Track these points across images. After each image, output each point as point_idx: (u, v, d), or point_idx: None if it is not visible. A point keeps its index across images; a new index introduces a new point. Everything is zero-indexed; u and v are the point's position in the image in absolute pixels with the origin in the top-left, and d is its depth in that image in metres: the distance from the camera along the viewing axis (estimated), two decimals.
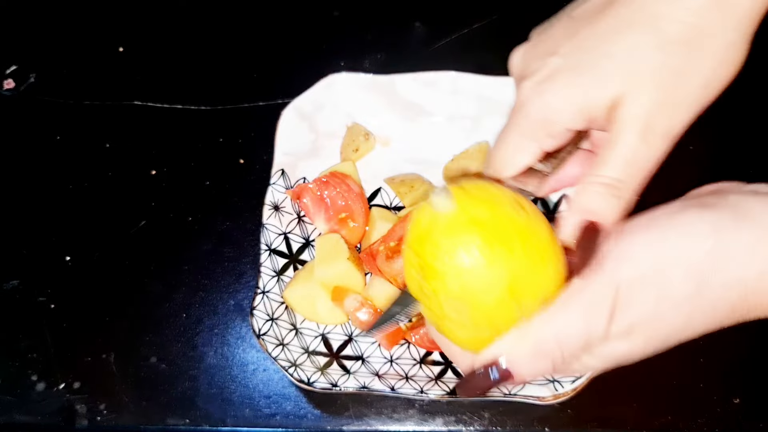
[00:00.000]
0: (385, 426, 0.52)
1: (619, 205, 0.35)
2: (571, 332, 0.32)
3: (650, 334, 0.32)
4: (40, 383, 0.54)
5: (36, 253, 0.59)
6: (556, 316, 0.32)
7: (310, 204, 0.56)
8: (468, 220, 0.31)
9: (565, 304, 0.32)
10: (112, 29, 0.70)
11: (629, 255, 0.32)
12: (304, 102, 0.58)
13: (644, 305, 0.32)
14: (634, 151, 0.35)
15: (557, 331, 0.32)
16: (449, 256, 0.31)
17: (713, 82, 0.35)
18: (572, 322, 0.32)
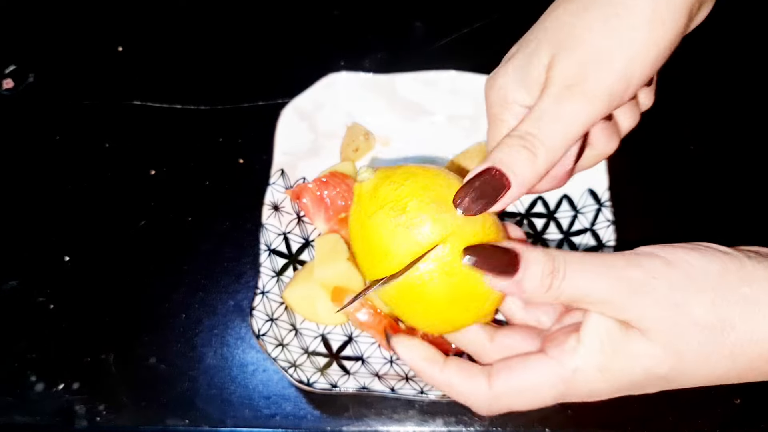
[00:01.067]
0: (385, 427, 0.52)
1: (527, 158, 0.34)
2: (577, 274, 0.33)
3: (666, 343, 0.33)
4: (39, 383, 0.54)
5: (35, 254, 0.59)
6: (578, 255, 0.33)
7: (310, 204, 0.56)
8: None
9: (591, 257, 0.34)
10: (112, 29, 0.70)
11: (668, 257, 0.33)
12: (303, 101, 0.58)
13: (660, 308, 0.32)
14: (545, 107, 0.35)
15: (567, 261, 0.33)
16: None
17: (639, 54, 0.35)
18: (583, 269, 0.33)
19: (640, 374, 0.33)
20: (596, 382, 0.33)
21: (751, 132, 0.62)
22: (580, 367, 0.33)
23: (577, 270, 0.33)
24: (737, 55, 0.66)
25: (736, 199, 0.60)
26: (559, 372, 0.34)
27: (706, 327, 0.32)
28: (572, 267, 0.33)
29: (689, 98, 0.64)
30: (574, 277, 0.33)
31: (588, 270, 0.33)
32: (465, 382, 0.35)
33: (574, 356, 0.33)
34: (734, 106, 0.64)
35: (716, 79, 0.65)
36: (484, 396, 0.35)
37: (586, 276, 0.33)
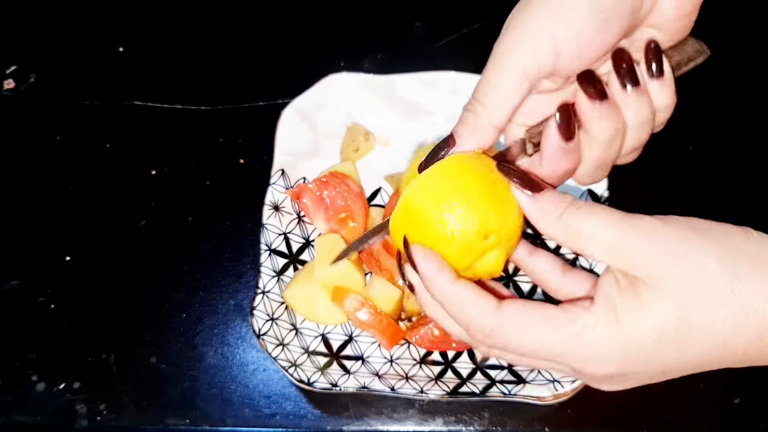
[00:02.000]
0: (385, 426, 0.52)
1: (471, 120, 0.38)
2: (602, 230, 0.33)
3: (674, 293, 0.32)
4: (40, 383, 0.54)
5: (36, 253, 0.59)
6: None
7: (310, 204, 0.56)
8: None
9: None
10: (112, 29, 0.70)
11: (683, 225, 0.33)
12: (304, 102, 0.58)
13: (672, 265, 0.32)
14: (494, 81, 0.38)
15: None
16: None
17: (571, 36, 0.36)
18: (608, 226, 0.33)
19: (650, 334, 0.32)
20: (605, 344, 0.32)
21: (750, 132, 0.63)
22: (589, 324, 0.32)
23: (592, 212, 0.34)
24: (737, 56, 0.66)
25: (736, 199, 0.60)
26: (569, 328, 0.33)
27: (715, 278, 0.31)
28: (587, 207, 0.34)
29: (689, 98, 0.64)
30: (587, 215, 0.33)
31: (601, 215, 0.33)
32: (474, 298, 0.34)
33: (585, 313, 0.33)
34: (734, 107, 0.64)
35: (716, 79, 0.65)
36: (489, 318, 0.34)
37: (598, 218, 0.33)
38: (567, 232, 0.34)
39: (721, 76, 0.65)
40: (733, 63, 0.66)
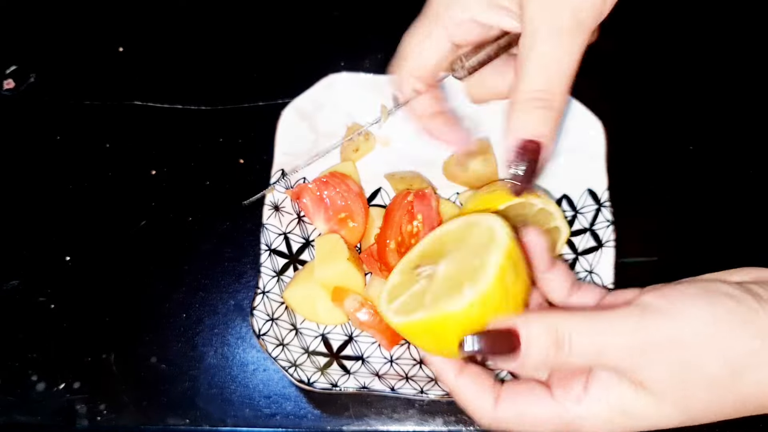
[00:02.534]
0: (385, 426, 0.52)
1: (551, 116, 0.35)
2: (590, 340, 0.33)
3: (675, 401, 0.33)
4: (40, 383, 0.54)
5: (36, 253, 0.59)
6: (585, 320, 0.33)
7: (310, 204, 0.56)
8: None
9: (600, 318, 0.33)
10: (112, 29, 0.70)
11: (680, 321, 0.33)
12: (304, 102, 0.58)
13: (670, 367, 0.32)
14: (550, 56, 0.34)
15: (580, 329, 0.33)
16: None
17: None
18: (594, 331, 0.33)
19: (646, 428, 0.34)
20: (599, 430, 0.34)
21: (749, 132, 0.63)
22: (583, 416, 0.34)
23: (584, 339, 0.33)
24: (736, 56, 0.66)
25: (736, 199, 0.60)
26: (562, 415, 0.34)
27: (716, 382, 0.32)
28: (578, 338, 0.33)
29: (688, 99, 0.64)
30: (581, 346, 0.33)
31: (595, 337, 0.33)
32: (474, 395, 0.37)
33: (579, 405, 0.34)
34: (733, 107, 0.64)
35: (715, 79, 0.65)
36: (488, 414, 0.36)
37: (593, 343, 0.33)
38: (568, 367, 0.35)
39: (720, 77, 0.65)
40: (732, 63, 0.66)
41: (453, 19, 0.37)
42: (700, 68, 0.66)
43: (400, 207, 0.55)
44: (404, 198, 0.55)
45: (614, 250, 0.53)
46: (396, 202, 0.55)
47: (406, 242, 0.54)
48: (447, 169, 0.59)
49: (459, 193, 0.59)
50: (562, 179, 0.57)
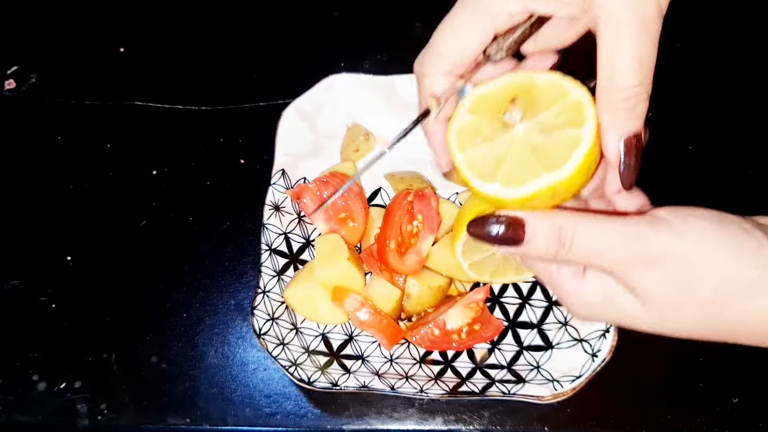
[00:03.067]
0: (385, 425, 0.52)
1: (645, 107, 0.36)
2: (591, 241, 0.33)
3: (664, 312, 0.33)
4: (41, 383, 0.54)
5: (37, 253, 0.60)
6: (590, 223, 0.33)
7: (310, 204, 0.56)
8: None
9: (606, 223, 0.33)
10: (113, 30, 0.70)
11: (686, 237, 0.33)
12: (304, 102, 0.58)
13: (665, 281, 0.33)
14: (643, 51, 0.35)
15: (584, 230, 0.33)
16: None
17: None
18: (597, 234, 0.33)
19: (621, 321, 0.35)
20: (577, 306, 0.36)
21: (749, 132, 0.63)
22: (573, 291, 0.35)
23: (586, 239, 0.33)
24: (735, 57, 0.66)
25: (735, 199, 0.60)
26: (554, 279, 0.36)
27: (707, 303, 0.32)
28: (579, 237, 0.34)
29: (688, 99, 0.64)
30: (582, 246, 0.33)
31: (597, 239, 0.33)
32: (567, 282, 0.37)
33: (572, 281, 0.35)
34: (732, 107, 0.64)
35: (715, 80, 0.65)
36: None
37: (595, 244, 0.33)
38: (569, 263, 0.35)
39: (719, 77, 0.65)
40: (732, 63, 0.66)
41: (502, 7, 0.37)
42: (700, 68, 0.66)
43: (400, 207, 0.55)
44: (404, 198, 0.55)
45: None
46: (396, 202, 0.55)
47: (406, 242, 0.54)
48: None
49: (458, 193, 0.59)
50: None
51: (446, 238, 0.55)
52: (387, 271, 0.55)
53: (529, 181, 0.34)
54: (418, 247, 0.54)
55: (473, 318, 0.53)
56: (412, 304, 0.54)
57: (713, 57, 0.66)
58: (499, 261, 0.52)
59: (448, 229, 0.56)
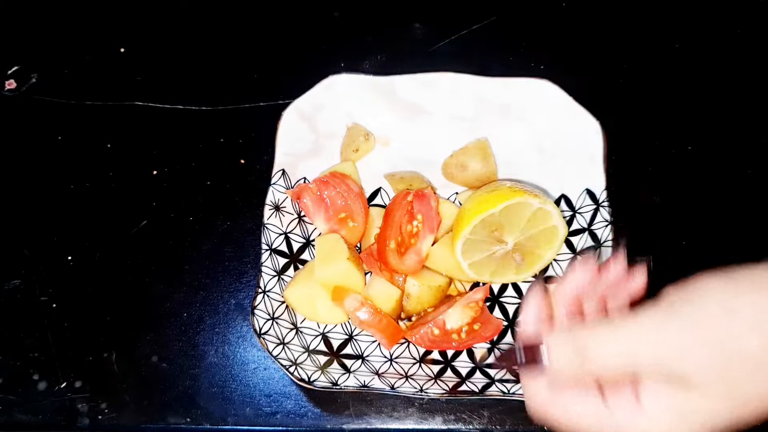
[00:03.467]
0: (385, 424, 0.52)
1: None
2: (608, 350, 0.33)
3: (721, 390, 0.32)
4: (42, 382, 0.55)
5: (38, 253, 0.60)
6: (606, 327, 0.33)
7: (310, 204, 0.57)
8: None
9: (622, 321, 0.33)
10: (114, 30, 0.70)
11: (698, 297, 0.32)
12: (304, 102, 0.58)
13: (708, 350, 0.31)
14: None
15: (589, 339, 0.33)
16: None
17: None
18: (613, 340, 0.33)
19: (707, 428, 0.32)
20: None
21: (748, 132, 0.63)
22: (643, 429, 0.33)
23: (607, 348, 0.33)
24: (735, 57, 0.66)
25: (734, 199, 0.60)
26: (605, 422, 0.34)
27: (757, 356, 0.31)
28: (598, 348, 0.33)
29: (687, 99, 0.65)
30: (607, 355, 0.33)
31: (621, 342, 0.33)
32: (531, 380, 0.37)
33: (634, 419, 0.33)
34: (731, 107, 0.64)
35: (714, 80, 0.65)
36: (540, 394, 0.36)
37: (621, 349, 0.33)
38: (601, 374, 0.34)
39: (719, 77, 0.65)
40: (731, 64, 0.66)
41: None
42: (699, 69, 0.66)
43: (400, 207, 0.55)
44: (404, 198, 0.55)
45: (612, 250, 0.53)
46: (396, 202, 0.55)
47: (406, 242, 0.54)
48: (446, 170, 0.59)
49: (458, 193, 0.59)
50: (561, 179, 0.57)
51: (446, 238, 0.55)
52: (387, 271, 0.55)
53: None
54: (418, 247, 0.54)
55: (473, 317, 0.53)
56: (412, 304, 0.54)
57: (713, 57, 0.66)
58: (499, 261, 0.53)
59: (448, 229, 0.56)
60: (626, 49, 0.67)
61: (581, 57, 0.67)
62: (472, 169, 0.58)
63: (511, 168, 0.59)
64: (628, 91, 0.65)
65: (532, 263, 0.53)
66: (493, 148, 0.58)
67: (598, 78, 0.65)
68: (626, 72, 0.66)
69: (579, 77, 0.63)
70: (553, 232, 0.52)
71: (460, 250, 0.52)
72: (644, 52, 0.67)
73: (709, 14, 0.69)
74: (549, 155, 0.58)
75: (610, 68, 0.66)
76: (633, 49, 0.67)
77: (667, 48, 0.67)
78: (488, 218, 0.50)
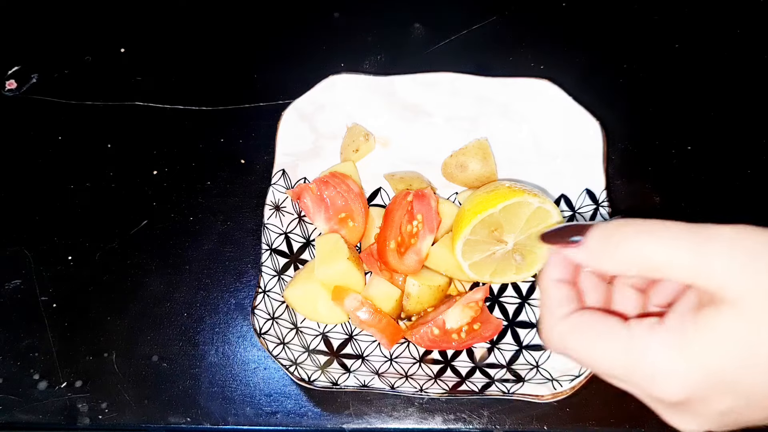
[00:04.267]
0: (385, 424, 0.52)
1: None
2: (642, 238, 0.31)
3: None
4: (42, 382, 0.55)
5: (38, 253, 0.60)
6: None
7: (310, 204, 0.57)
8: None
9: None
10: (114, 30, 0.70)
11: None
12: (304, 103, 0.58)
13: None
14: None
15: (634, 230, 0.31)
16: None
17: None
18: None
19: (730, 352, 0.29)
20: (672, 362, 0.29)
21: (748, 132, 0.63)
22: (654, 342, 0.30)
23: (652, 231, 0.31)
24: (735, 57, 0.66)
25: (735, 199, 0.60)
26: (629, 343, 0.31)
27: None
28: (642, 227, 0.31)
29: (688, 99, 0.65)
30: (648, 238, 0.31)
31: (665, 233, 0.30)
32: (554, 298, 0.35)
33: (649, 331, 0.30)
34: (732, 107, 0.64)
35: (714, 80, 0.65)
36: (556, 322, 0.34)
37: (665, 237, 0.30)
38: (634, 261, 0.31)
39: (719, 77, 0.66)
40: (731, 64, 0.66)
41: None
42: (699, 69, 0.66)
43: (400, 207, 0.55)
44: (404, 198, 0.55)
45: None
46: (396, 202, 0.55)
47: (406, 242, 0.54)
48: (446, 170, 0.59)
49: (458, 193, 0.59)
50: (561, 179, 0.57)
51: (446, 238, 0.55)
52: (387, 271, 0.55)
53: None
54: (417, 246, 0.54)
55: (473, 317, 0.53)
56: (412, 304, 0.54)
57: (713, 57, 0.67)
58: (499, 261, 0.53)
59: (448, 229, 0.56)
60: (626, 49, 0.67)
61: (581, 57, 0.67)
62: (471, 169, 0.58)
63: (511, 168, 0.59)
64: (628, 91, 0.65)
65: (533, 263, 0.53)
66: (493, 148, 0.59)
67: (598, 78, 0.65)
68: (626, 72, 0.66)
69: (579, 77, 0.63)
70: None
71: (461, 251, 0.52)
72: (644, 52, 0.67)
73: (709, 14, 0.69)
74: (549, 155, 0.58)
75: (610, 68, 0.66)
76: (633, 49, 0.67)
77: (667, 48, 0.67)
78: (488, 218, 0.50)
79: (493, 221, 0.51)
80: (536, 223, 0.51)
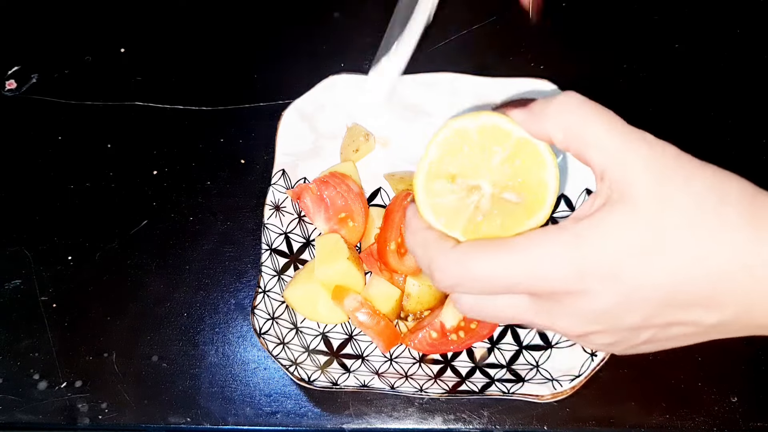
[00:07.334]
0: (385, 424, 0.52)
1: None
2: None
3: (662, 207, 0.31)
4: (42, 382, 0.55)
5: (38, 253, 0.60)
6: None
7: (310, 204, 0.57)
8: None
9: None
10: (114, 30, 0.70)
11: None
12: (304, 103, 0.58)
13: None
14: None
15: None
16: None
17: None
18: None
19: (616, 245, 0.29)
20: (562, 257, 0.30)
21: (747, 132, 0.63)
22: (546, 240, 0.30)
23: (598, 115, 0.33)
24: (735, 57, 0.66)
25: None
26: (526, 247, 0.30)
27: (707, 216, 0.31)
28: (591, 109, 0.33)
29: (687, 99, 0.65)
30: (592, 118, 0.32)
31: (606, 120, 0.33)
32: (435, 238, 0.34)
33: (542, 233, 0.31)
34: (731, 107, 0.64)
35: (714, 80, 0.65)
36: (447, 253, 0.32)
37: (603, 123, 0.32)
38: (566, 128, 0.32)
39: (720, 77, 0.66)
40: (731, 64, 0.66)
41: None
42: (699, 69, 0.66)
43: (400, 207, 0.55)
44: (404, 198, 0.55)
45: None
46: (396, 203, 0.55)
47: None
48: None
49: None
50: (561, 179, 0.57)
51: None
52: (387, 271, 0.55)
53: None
54: None
55: None
56: (412, 304, 0.54)
57: (713, 57, 0.67)
58: (491, 213, 0.36)
59: None
60: (626, 49, 0.67)
61: (581, 57, 0.67)
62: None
63: None
64: (628, 91, 0.65)
65: (537, 194, 0.36)
66: None
67: (598, 78, 0.65)
68: (626, 72, 0.66)
69: (579, 77, 0.63)
70: (535, 153, 0.37)
71: (437, 222, 0.37)
72: (644, 52, 0.67)
73: (709, 14, 0.69)
74: None
75: (610, 68, 0.66)
76: (633, 49, 0.67)
77: (667, 48, 0.67)
78: (434, 168, 0.38)
79: (442, 168, 0.38)
80: (508, 149, 0.37)
